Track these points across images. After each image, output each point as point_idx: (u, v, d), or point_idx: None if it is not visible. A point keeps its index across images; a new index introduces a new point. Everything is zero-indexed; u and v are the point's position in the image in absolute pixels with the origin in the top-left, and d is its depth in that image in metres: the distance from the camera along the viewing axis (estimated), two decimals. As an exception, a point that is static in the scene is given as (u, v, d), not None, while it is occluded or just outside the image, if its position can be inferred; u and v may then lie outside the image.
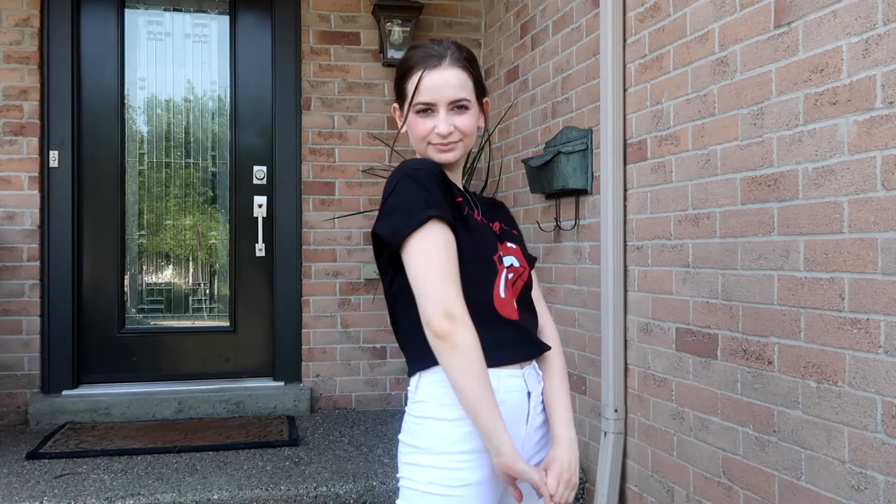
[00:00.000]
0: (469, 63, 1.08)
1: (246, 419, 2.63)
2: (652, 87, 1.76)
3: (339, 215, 2.88)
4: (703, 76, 1.57)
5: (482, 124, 1.12)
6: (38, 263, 2.66)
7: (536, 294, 1.14)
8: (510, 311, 1.03)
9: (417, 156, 1.11)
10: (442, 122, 1.05)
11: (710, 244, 1.56)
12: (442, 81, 1.05)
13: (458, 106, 1.06)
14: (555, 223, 2.30)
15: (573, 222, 2.17)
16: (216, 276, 2.91)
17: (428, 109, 1.06)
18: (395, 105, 1.13)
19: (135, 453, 2.18)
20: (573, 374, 2.18)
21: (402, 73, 1.09)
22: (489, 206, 1.18)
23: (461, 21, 3.00)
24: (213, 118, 2.91)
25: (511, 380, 1.01)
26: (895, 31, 1.12)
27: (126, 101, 2.83)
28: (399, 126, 1.13)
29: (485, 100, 1.12)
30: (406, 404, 1.08)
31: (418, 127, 1.08)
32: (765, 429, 1.38)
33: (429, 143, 1.08)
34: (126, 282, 2.83)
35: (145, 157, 2.86)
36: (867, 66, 1.16)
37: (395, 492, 1.92)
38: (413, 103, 1.07)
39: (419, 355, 1.02)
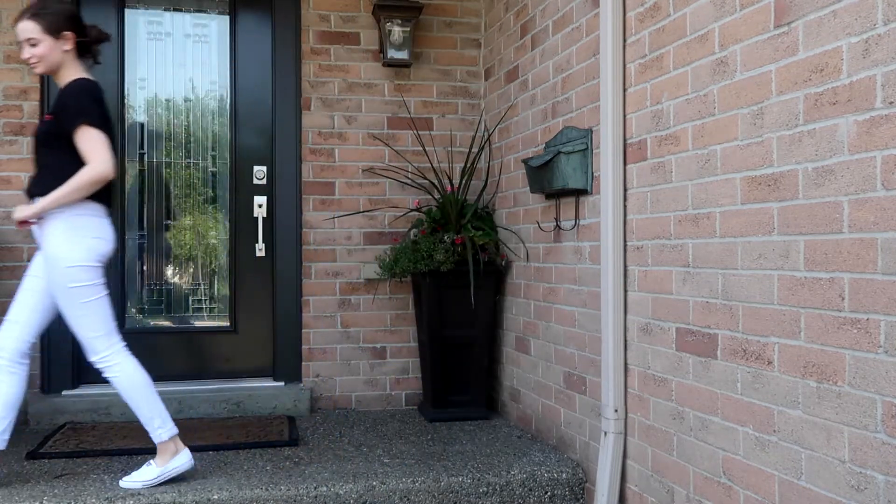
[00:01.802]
0: (35, 17, 1.89)
1: (246, 419, 2.63)
2: (652, 87, 1.77)
3: (339, 215, 2.88)
4: (703, 76, 1.58)
5: (67, 48, 1.93)
6: (38, 263, 2.66)
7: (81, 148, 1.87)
8: None
9: None
10: (25, 52, 1.92)
11: (710, 244, 1.56)
12: (20, 29, 1.90)
13: (30, 42, 1.90)
14: (555, 223, 2.30)
15: (573, 222, 2.17)
16: (216, 276, 2.92)
17: (21, 44, 1.93)
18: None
19: (135, 453, 2.19)
20: (574, 374, 2.18)
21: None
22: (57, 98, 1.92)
23: (461, 21, 3.00)
24: (213, 118, 2.91)
25: None
26: (895, 31, 1.12)
27: (126, 100, 2.84)
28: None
29: (64, 33, 1.92)
30: None
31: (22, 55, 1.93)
32: (765, 429, 1.39)
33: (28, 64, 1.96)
34: (126, 282, 2.83)
35: (145, 157, 2.86)
36: (867, 66, 1.17)
37: (395, 492, 1.94)
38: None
39: None
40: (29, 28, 1.89)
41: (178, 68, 2.88)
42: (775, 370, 1.36)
